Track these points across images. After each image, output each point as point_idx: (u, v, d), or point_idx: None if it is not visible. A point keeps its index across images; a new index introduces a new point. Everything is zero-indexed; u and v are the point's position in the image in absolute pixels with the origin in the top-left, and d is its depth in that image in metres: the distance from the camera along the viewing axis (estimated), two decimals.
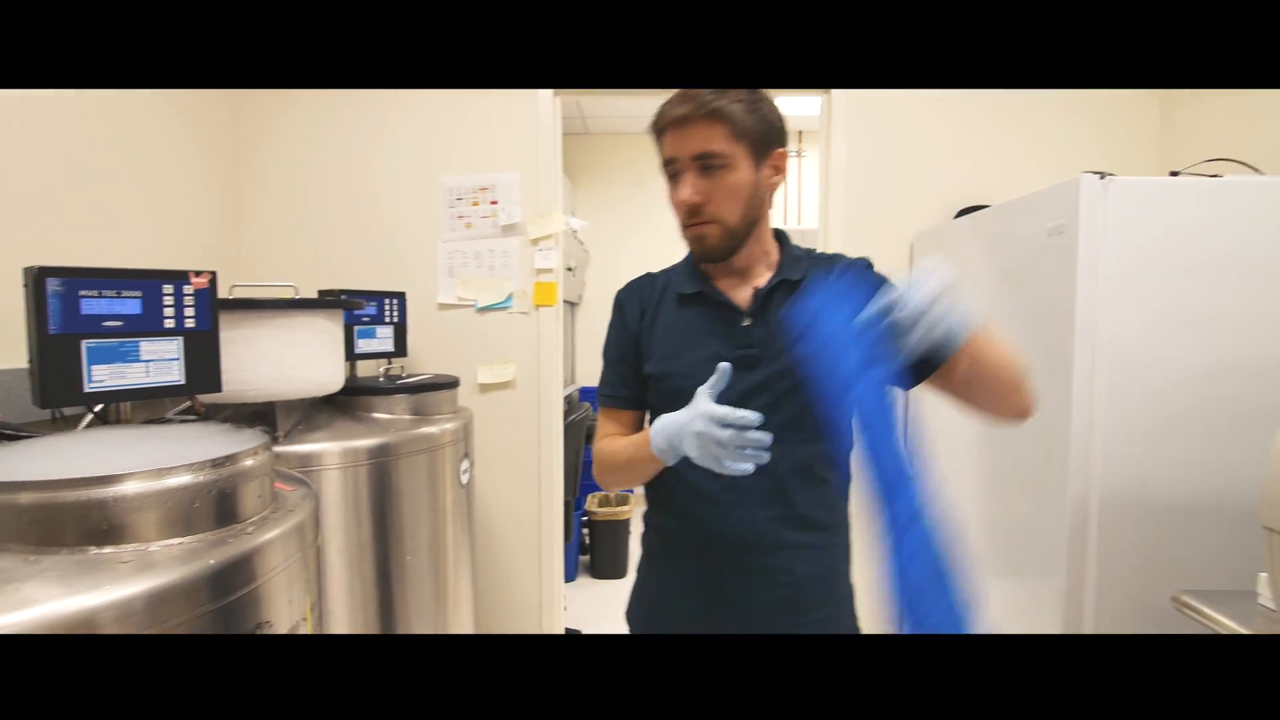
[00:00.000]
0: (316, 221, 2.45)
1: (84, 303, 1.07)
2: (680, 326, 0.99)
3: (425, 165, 2.43)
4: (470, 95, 2.40)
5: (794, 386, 0.90)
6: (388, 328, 2.11)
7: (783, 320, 0.92)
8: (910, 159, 2.33)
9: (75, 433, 1.12)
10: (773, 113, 0.93)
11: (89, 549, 0.79)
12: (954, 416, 1.96)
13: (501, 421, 2.45)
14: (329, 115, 2.43)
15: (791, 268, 0.97)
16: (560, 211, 2.43)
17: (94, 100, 1.76)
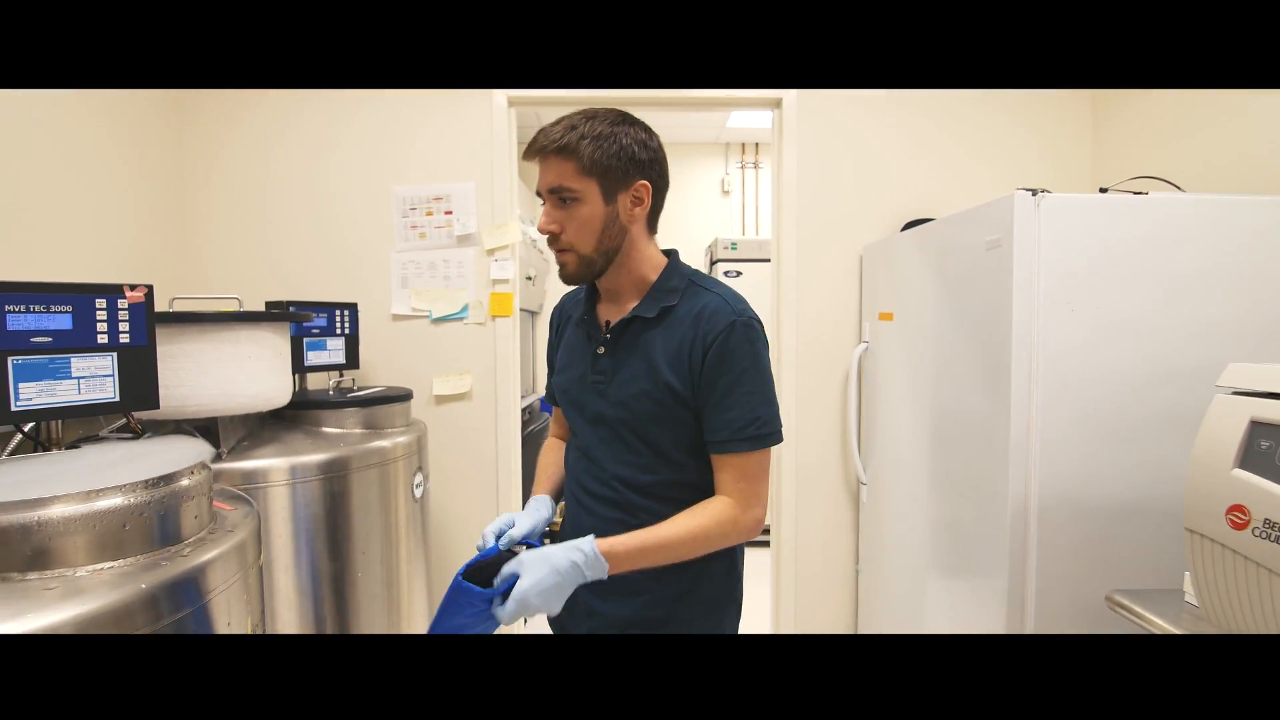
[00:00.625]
0: (267, 232, 2.39)
1: (10, 318, 1.03)
2: (569, 344, 1.12)
3: (379, 175, 2.40)
4: (425, 105, 2.38)
5: (627, 419, 0.99)
6: (339, 339, 2.08)
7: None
8: (860, 171, 2.39)
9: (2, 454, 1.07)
10: (634, 145, 0.96)
11: (12, 575, 0.76)
12: (904, 422, 2.02)
13: (458, 433, 2.42)
14: (279, 123, 2.38)
15: (653, 302, 1.01)
16: (516, 222, 2.42)
17: (28, 106, 1.69)
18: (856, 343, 2.36)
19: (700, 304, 0.99)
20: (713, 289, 1.02)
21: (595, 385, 1.03)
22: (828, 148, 2.39)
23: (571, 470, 1.12)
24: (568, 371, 1.10)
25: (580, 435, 1.08)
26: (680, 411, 0.98)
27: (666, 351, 0.98)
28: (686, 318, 0.98)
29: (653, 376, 0.97)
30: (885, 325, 2.16)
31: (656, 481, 1.01)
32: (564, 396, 1.11)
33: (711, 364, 0.95)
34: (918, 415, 1.96)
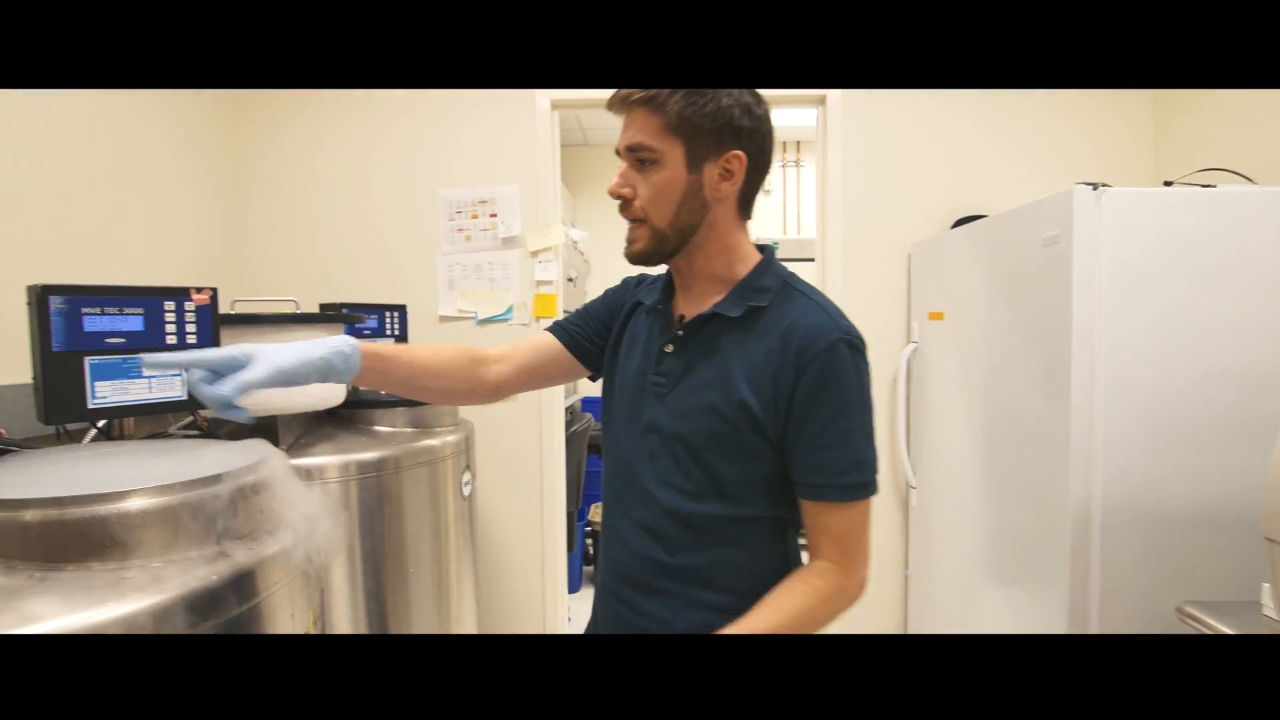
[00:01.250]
0: (316, 235, 2.46)
1: (86, 320, 1.08)
2: (634, 333, 0.96)
3: (424, 179, 2.45)
4: (468, 109, 2.42)
5: (684, 435, 0.84)
6: (389, 340, 2.12)
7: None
8: (907, 169, 2.35)
9: (79, 449, 1.12)
10: (735, 108, 0.81)
11: (93, 565, 0.80)
12: (955, 425, 1.97)
13: (503, 433, 2.45)
14: (327, 129, 2.45)
15: (738, 299, 0.85)
16: (560, 224, 2.45)
17: (100, 116, 1.78)
18: (905, 343, 2.31)
19: (795, 313, 0.83)
20: (811, 295, 0.86)
21: (655, 387, 0.88)
22: (874, 144, 2.35)
23: (608, 486, 0.97)
24: (626, 363, 0.94)
25: (623, 445, 0.93)
26: (753, 439, 0.82)
27: (748, 363, 0.82)
28: (776, 326, 0.83)
29: (725, 390, 0.82)
30: (935, 325, 2.11)
31: (707, 515, 0.85)
32: (616, 394, 0.96)
33: (808, 389, 0.79)
34: (970, 417, 1.90)
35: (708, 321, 0.87)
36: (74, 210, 1.70)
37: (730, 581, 0.86)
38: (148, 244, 1.96)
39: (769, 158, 0.87)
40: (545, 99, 2.40)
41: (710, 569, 0.86)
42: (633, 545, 0.89)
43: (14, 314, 1.20)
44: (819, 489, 0.82)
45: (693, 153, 0.81)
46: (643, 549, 0.88)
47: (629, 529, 0.90)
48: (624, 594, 0.91)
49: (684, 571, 0.86)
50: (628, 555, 0.90)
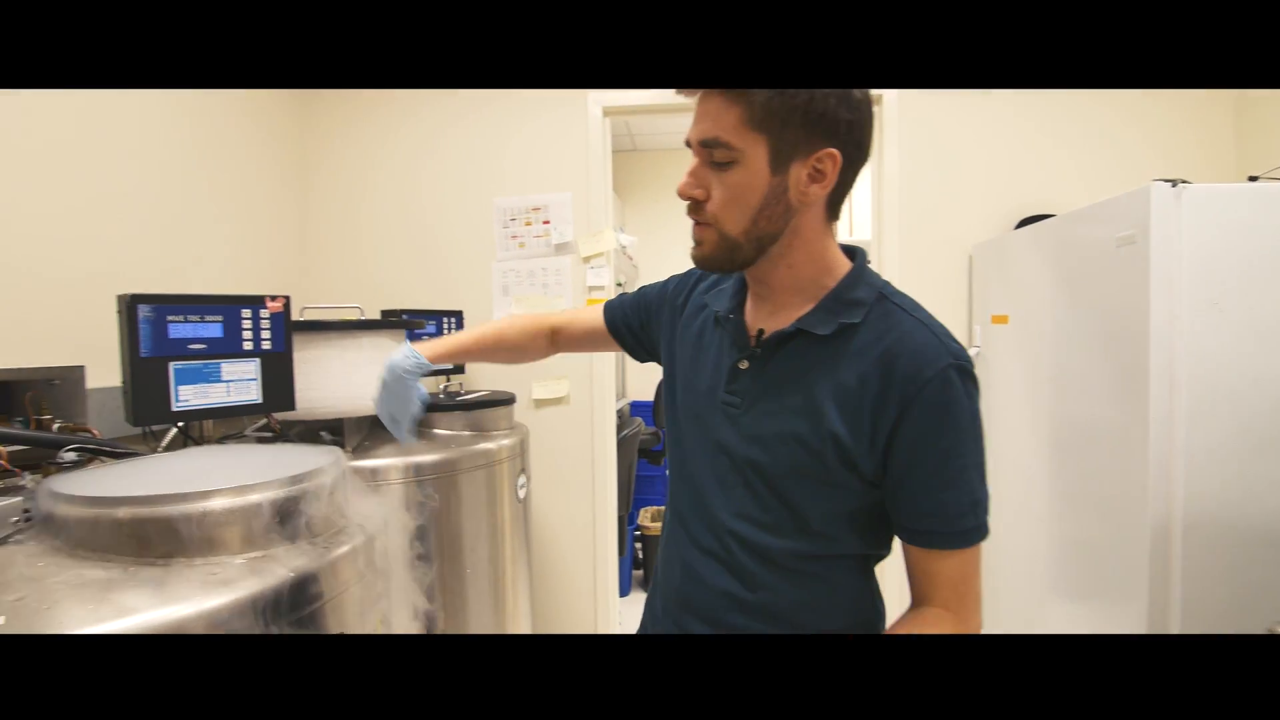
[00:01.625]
0: (373, 242, 2.54)
1: (171, 327, 1.14)
2: (700, 342, 0.87)
3: (479, 187, 2.50)
4: (521, 116, 2.46)
5: (760, 464, 0.76)
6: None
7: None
8: (967, 167, 2.28)
9: (165, 451, 1.18)
10: (832, 99, 0.69)
11: (179, 560, 0.84)
12: (1020, 432, 1.90)
13: (556, 437, 2.48)
14: (384, 138, 2.52)
15: (827, 314, 0.75)
16: (611, 230, 2.46)
17: (179, 126, 1.87)
18: (966, 347, 2.24)
19: (896, 332, 0.72)
20: (912, 312, 0.75)
21: (727, 407, 0.79)
22: (931, 143, 2.29)
23: (674, 506, 0.89)
24: (693, 375, 0.86)
25: (689, 464, 0.85)
26: (842, 474, 0.73)
27: (838, 389, 0.72)
28: (873, 347, 0.72)
29: (812, 419, 0.73)
30: (999, 329, 2.04)
31: (786, 550, 0.76)
32: (681, 407, 0.88)
33: (918, 425, 0.70)
34: (1037, 425, 1.84)
35: (790, 339, 0.76)
36: (153, 218, 1.79)
37: (815, 622, 0.78)
38: (219, 250, 2.06)
39: (867, 153, 0.74)
40: (597, 106, 2.42)
41: (794, 609, 0.78)
42: (704, 577, 0.81)
43: (100, 319, 1.28)
44: (932, 535, 0.73)
45: (778, 151, 0.70)
46: (717, 582, 0.80)
47: (697, 558, 0.82)
48: (690, 626, 0.84)
49: (765, 610, 0.78)
50: (697, 587, 0.82)
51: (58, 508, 0.86)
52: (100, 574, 0.81)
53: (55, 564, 0.83)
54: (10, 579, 0.78)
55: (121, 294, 1.14)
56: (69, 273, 1.51)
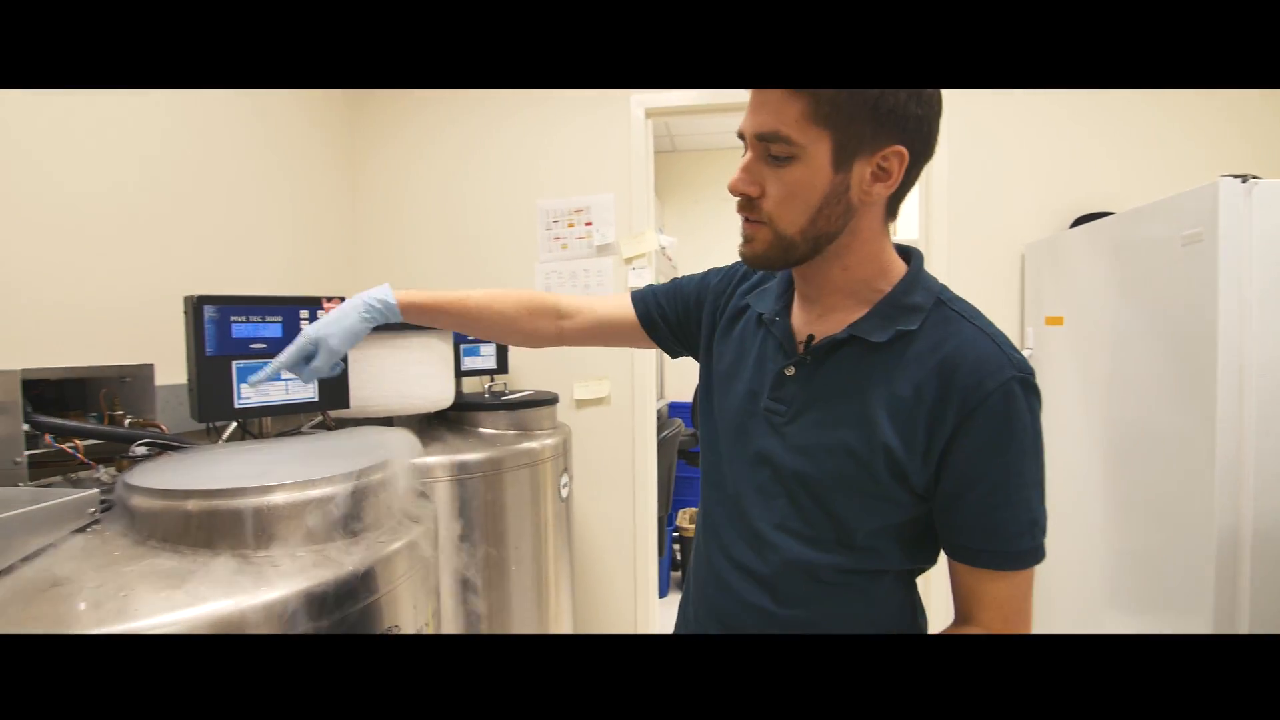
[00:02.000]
0: (417, 245, 2.60)
1: (235, 327, 1.19)
2: (740, 344, 0.84)
3: (522, 189, 2.53)
4: (564, 119, 2.49)
5: (807, 476, 0.73)
6: (491, 346, 2.20)
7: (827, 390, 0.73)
8: (1019, 164, 2.22)
9: (229, 445, 1.23)
10: (899, 94, 0.66)
11: (245, 552, 0.87)
12: (1074, 437, 1.84)
13: (596, 437, 2.49)
14: (427, 143, 2.58)
15: (883, 320, 0.71)
16: (653, 231, 2.47)
17: (242, 135, 1.95)
18: (1019, 349, 2.18)
19: (955, 340, 0.69)
20: (972, 319, 0.71)
21: (770, 415, 0.76)
22: (981, 140, 2.23)
23: (708, 514, 0.85)
24: (732, 379, 0.82)
25: (726, 473, 0.81)
26: (892, 487, 0.70)
27: (892, 398, 0.69)
28: (930, 355, 0.68)
29: (864, 429, 0.70)
30: (1053, 330, 1.98)
31: (831, 566, 0.73)
32: (718, 412, 0.84)
33: (977, 440, 0.66)
34: (1092, 429, 1.78)
35: (842, 345, 0.73)
36: (215, 219, 1.86)
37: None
38: (275, 251, 2.13)
39: (933, 149, 0.70)
40: (640, 108, 2.43)
41: (827, 622, 0.75)
42: (736, 590, 0.78)
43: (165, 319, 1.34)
44: (982, 554, 0.69)
45: (842, 147, 0.66)
46: (749, 597, 0.77)
47: (730, 570, 0.79)
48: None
49: (796, 625, 0.75)
50: (729, 601, 0.79)
51: (132, 499, 0.90)
52: (171, 563, 0.84)
53: (129, 553, 0.87)
54: (91, 566, 0.82)
55: (188, 295, 1.19)
56: (138, 274, 1.59)
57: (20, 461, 0.99)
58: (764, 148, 0.68)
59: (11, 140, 1.37)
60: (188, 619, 0.74)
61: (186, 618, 0.74)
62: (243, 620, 0.78)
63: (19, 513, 0.79)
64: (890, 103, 0.65)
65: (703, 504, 0.88)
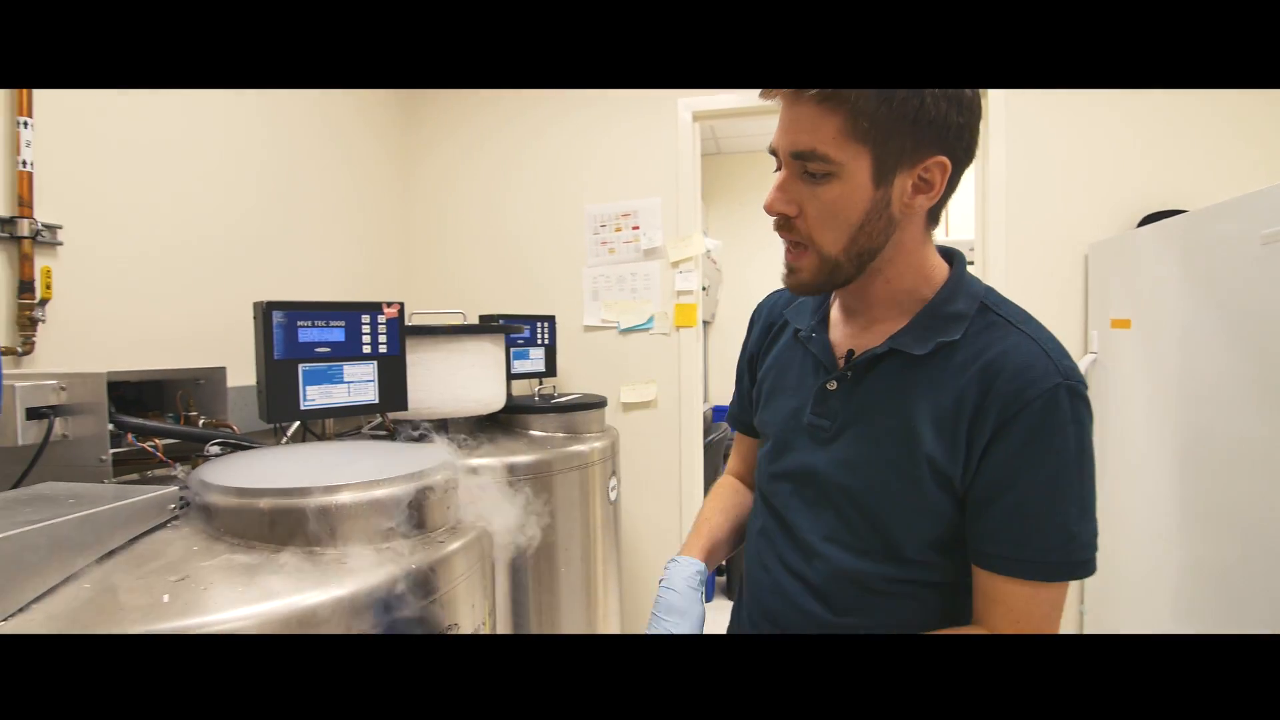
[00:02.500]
0: (466, 250, 2.65)
1: (301, 332, 1.23)
2: (781, 365, 0.84)
3: (570, 194, 2.56)
4: (611, 123, 2.51)
5: (852, 489, 0.72)
6: (539, 349, 2.23)
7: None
8: (1082, 162, 2.14)
9: (295, 445, 1.28)
10: (943, 101, 0.63)
11: (313, 549, 0.90)
12: (1143, 446, 1.77)
13: (643, 440, 2.50)
14: (476, 149, 2.63)
15: (924, 331, 0.70)
16: (700, 234, 2.47)
17: (302, 149, 2.02)
18: (1082, 354, 2.10)
19: (1000, 346, 0.67)
20: (1020, 324, 0.69)
21: (814, 430, 0.76)
22: (1042, 137, 2.16)
23: (757, 521, 0.86)
24: (775, 400, 0.83)
25: (772, 486, 0.82)
26: (940, 500, 0.68)
27: (935, 409, 0.67)
28: (972, 362, 0.67)
29: (908, 443, 0.68)
30: (1120, 334, 1.91)
31: (878, 575, 0.72)
32: (761, 427, 0.85)
33: (1015, 445, 0.64)
34: (1163, 437, 1.70)
35: (882, 359, 0.72)
36: (277, 226, 1.94)
37: None
38: (333, 256, 2.20)
39: (974, 154, 0.69)
40: (687, 111, 2.43)
41: (883, 630, 0.74)
42: (791, 596, 0.78)
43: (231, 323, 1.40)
44: (1007, 561, 0.66)
45: (882, 163, 0.64)
46: (803, 603, 0.77)
47: (783, 575, 0.79)
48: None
49: (849, 631, 0.75)
50: (784, 606, 0.79)
51: (209, 497, 0.95)
52: (245, 559, 0.88)
53: (206, 548, 0.91)
54: (171, 560, 0.86)
55: (257, 301, 1.24)
56: (208, 281, 1.66)
57: (105, 460, 1.05)
58: (800, 165, 0.67)
59: (96, 155, 1.46)
60: (262, 613, 0.77)
61: (261, 612, 0.78)
62: (313, 616, 0.80)
63: (111, 507, 0.83)
64: (931, 113, 0.63)
65: (754, 513, 0.88)
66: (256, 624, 0.77)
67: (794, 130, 0.66)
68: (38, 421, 1.01)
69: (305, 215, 2.05)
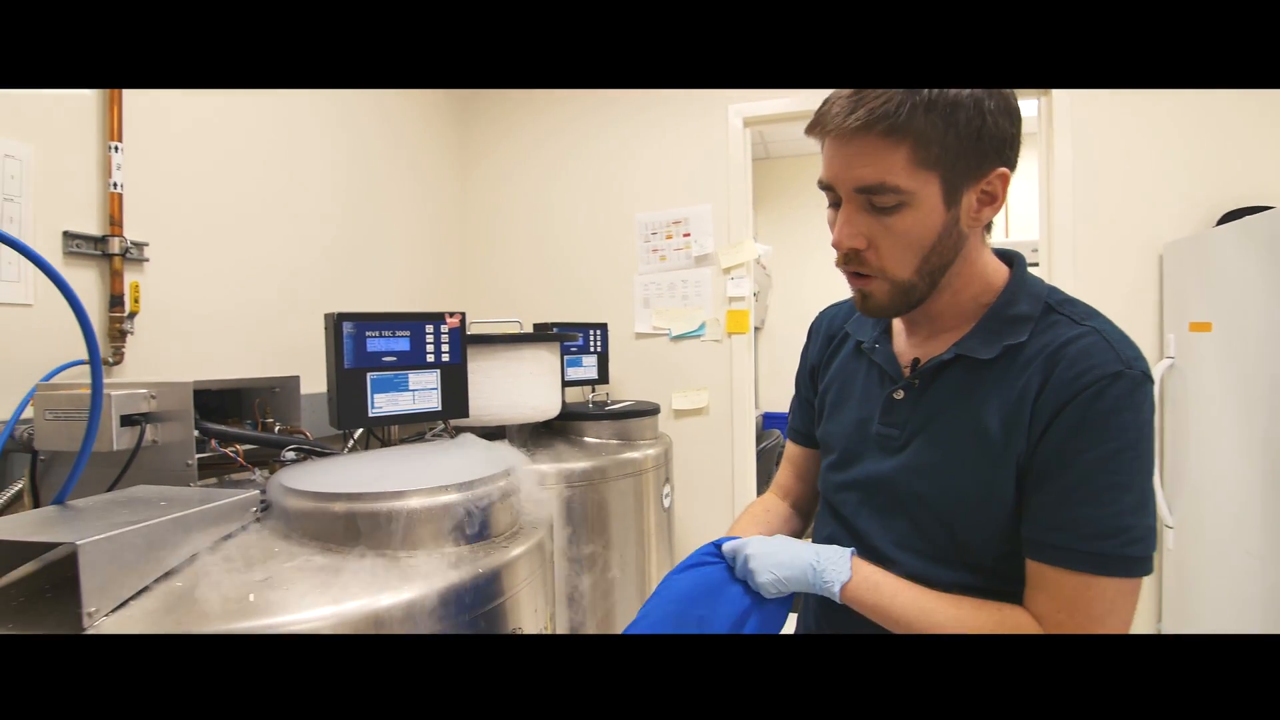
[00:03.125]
0: (518, 258, 2.70)
1: (369, 341, 1.27)
2: (845, 376, 0.85)
3: (621, 202, 2.58)
4: (662, 130, 2.52)
5: (926, 496, 0.72)
6: (592, 357, 2.26)
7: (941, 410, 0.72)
8: (1155, 158, 2.05)
9: (366, 451, 1.32)
10: (1000, 115, 0.65)
11: (385, 551, 0.93)
12: (1227, 454, 1.67)
13: (695, 446, 2.49)
14: (527, 158, 2.68)
15: (989, 335, 0.70)
16: (751, 240, 2.45)
17: (372, 156, 2.10)
18: (1158, 359, 2.01)
19: (1064, 338, 0.66)
20: (1086, 320, 0.68)
21: (883, 440, 0.76)
22: (1112, 134, 2.08)
23: (829, 537, 0.85)
24: (839, 412, 0.83)
25: (842, 497, 0.82)
26: (1010, 494, 0.67)
27: (1002, 405, 0.67)
28: (1036, 358, 0.67)
29: (979, 442, 0.68)
30: (1199, 337, 1.82)
31: (953, 582, 0.70)
32: (828, 439, 0.85)
33: (1069, 427, 0.63)
34: (1249, 446, 1.61)
35: (949, 365, 0.72)
36: (342, 240, 2.01)
37: None
38: (395, 266, 2.27)
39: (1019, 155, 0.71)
40: (738, 117, 2.42)
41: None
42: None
43: (298, 333, 1.46)
44: (1053, 551, 0.64)
45: (951, 184, 0.65)
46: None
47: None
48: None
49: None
50: (851, 615, 0.75)
51: (287, 500, 0.99)
52: (321, 560, 0.91)
53: (285, 550, 0.94)
54: (254, 561, 0.90)
55: (328, 313, 1.29)
56: (281, 293, 1.74)
57: (191, 464, 1.11)
58: (865, 199, 0.67)
59: (178, 176, 1.54)
60: (339, 614, 0.80)
61: (337, 613, 0.80)
62: (385, 617, 0.83)
63: (200, 510, 0.88)
64: (992, 129, 0.64)
65: (820, 521, 0.89)
66: (333, 624, 0.80)
67: (856, 165, 0.66)
68: (131, 428, 1.07)
69: (372, 225, 2.13)
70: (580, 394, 2.32)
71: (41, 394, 1.05)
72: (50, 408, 1.05)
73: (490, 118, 2.72)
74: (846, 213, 0.68)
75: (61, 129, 1.34)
